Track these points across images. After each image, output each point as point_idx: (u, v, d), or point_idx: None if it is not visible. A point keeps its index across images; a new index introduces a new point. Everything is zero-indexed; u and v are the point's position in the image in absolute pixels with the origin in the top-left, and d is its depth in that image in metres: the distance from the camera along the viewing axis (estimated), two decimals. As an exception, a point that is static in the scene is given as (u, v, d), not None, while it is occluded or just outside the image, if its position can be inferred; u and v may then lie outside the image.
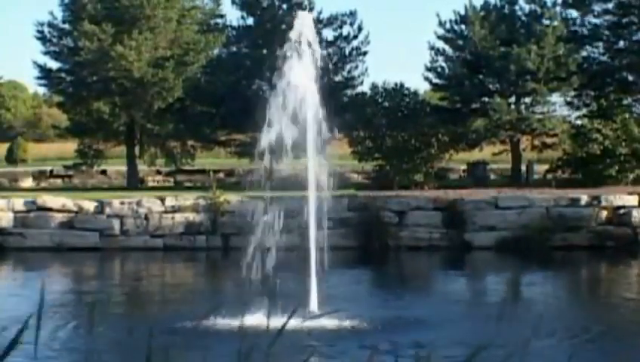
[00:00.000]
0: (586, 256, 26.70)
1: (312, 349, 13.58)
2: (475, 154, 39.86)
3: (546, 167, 37.11)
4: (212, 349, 13.45)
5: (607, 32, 37.86)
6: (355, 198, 28.77)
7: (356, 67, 40.21)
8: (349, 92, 39.62)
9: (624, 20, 37.60)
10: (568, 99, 38.40)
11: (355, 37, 39.98)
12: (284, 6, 39.14)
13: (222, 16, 40.54)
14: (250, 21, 40.14)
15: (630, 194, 28.56)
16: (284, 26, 36.99)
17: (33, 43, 38.93)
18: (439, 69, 38.63)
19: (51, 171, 45.95)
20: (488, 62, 36.26)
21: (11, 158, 52.28)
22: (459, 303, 18.92)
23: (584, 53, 38.08)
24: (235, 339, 12.39)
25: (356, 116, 35.38)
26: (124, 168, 40.69)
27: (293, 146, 15.98)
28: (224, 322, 14.65)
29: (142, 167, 41.26)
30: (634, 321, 17.04)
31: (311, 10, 39.36)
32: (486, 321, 16.04)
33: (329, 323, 15.02)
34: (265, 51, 36.97)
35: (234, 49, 40.69)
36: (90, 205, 28.30)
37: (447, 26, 38.16)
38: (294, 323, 14.90)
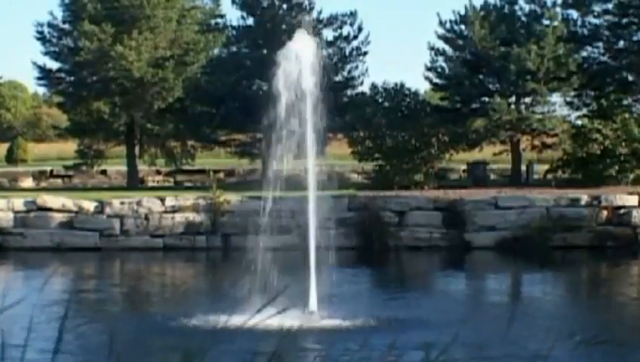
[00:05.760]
0: (586, 256, 26.69)
1: (315, 350, 13.58)
2: (475, 154, 39.82)
3: (546, 167, 37.06)
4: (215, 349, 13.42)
5: (607, 32, 37.82)
6: (355, 198, 28.76)
7: (356, 67, 40.17)
8: (349, 92, 39.60)
9: (624, 20, 37.56)
10: (568, 99, 38.35)
11: (356, 37, 39.93)
12: (284, 6, 39.12)
13: (222, 16, 40.52)
14: (250, 21, 40.11)
15: (630, 194, 28.57)
16: (284, 26, 37.05)
17: (33, 43, 38.90)
18: (439, 69, 38.61)
19: (51, 171, 45.91)
20: (488, 62, 36.25)
21: (11, 158, 52.20)
22: (459, 303, 18.92)
23: (584, 53, 38.06)
24: (234, 339, 12.37)
25: (356, 116, 35.39)
26: (124, 168, 40.66)
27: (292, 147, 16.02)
28: (219, 321, 14.63)
29: (142, 167, 41.24)
30: (633, 322, 17.04)
31: (311, 10, 39.39)
32: (485, 322, 16.04)
33: (329, 322, 15.03)
34: (265, 51, 36.95)
35: (234, 49, 40.66)
36: (90, 205, 28.29)
37: (448, 26, 38.14)
38: (296, 323, 14.75)
